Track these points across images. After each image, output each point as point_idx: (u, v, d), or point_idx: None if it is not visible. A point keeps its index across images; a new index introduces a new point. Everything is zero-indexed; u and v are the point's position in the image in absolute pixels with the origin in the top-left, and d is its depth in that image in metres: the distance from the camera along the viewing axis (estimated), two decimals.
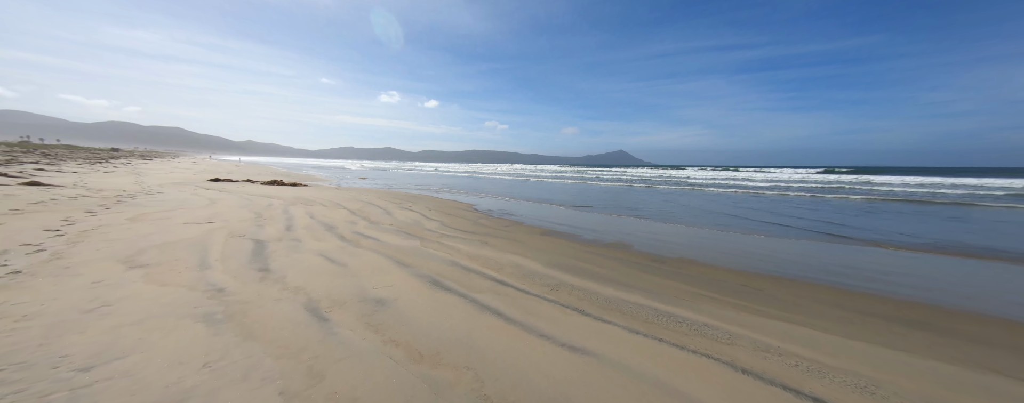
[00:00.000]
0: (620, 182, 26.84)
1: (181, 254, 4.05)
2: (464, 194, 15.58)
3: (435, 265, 4.24)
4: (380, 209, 9.00)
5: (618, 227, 7.74)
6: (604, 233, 6.96)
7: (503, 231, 6.87)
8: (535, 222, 8.13)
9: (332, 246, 4.92)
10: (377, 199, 11.22)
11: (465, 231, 6.70)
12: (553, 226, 7.68)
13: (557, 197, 14.85)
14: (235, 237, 5.08)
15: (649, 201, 13.90)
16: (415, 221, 7.53)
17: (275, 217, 6.96)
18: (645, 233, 7.09)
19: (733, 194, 17.39)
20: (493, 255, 4.86)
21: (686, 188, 21.00)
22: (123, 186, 10.97)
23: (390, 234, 6.02)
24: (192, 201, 8.49)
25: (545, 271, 4.21)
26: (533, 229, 7.23)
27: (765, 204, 13.25)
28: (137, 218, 5.87)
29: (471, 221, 7.94)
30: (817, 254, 5.73)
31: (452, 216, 8.54)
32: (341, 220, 7.11)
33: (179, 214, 6.56)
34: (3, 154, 23.53)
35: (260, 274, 3.58)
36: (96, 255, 3.78)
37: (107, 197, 8.14)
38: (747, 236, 7.11)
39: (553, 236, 6.54)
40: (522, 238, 6.24)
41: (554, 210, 10.51)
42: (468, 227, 7.16)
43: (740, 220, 9.21)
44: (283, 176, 21.38)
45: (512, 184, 23.27)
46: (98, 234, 4.66)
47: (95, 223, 5.30)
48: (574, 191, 18.35)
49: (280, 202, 9.11)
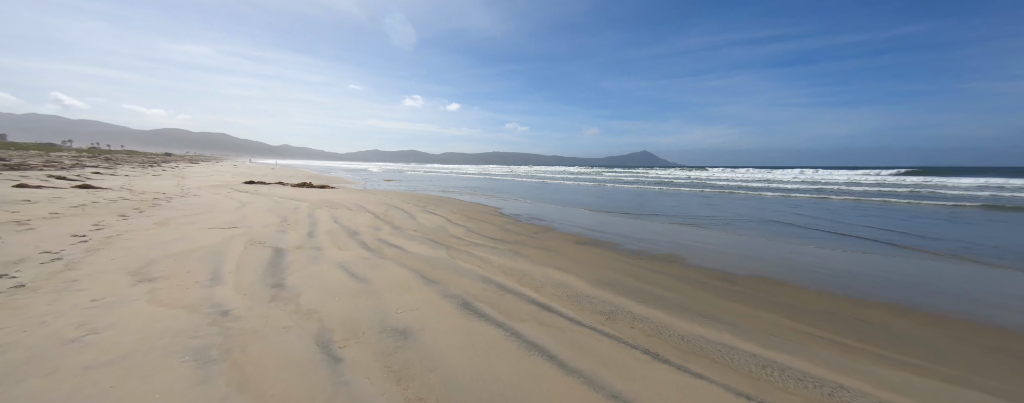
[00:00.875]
0: (649, 184, 25.47)
1: (195, 265, 3.73)
2: (487, 196, 15.09)
3: (465, 282, 3.68)
4: (404, 213, 8.63)
5: (661, 235, 6.89)
6: (648, 242, 6.15)
7: (534, 239, 6.23)
8: (567, 228, 7.44)
9: (354, 256, 4.48)
10: (401, 202, 10.92)
11: (493, 238, 6.13)
12: (587, 233, 6.95)
13: (585, 200, 14.04)
14: (255, 244, 4.77)
15: (687, 205, 12.79)
16: (440, 226, 7.06)
17: (299, 221, 6.71)
18: (696, 243, 6.22)
19: (780, 198, 15.81)
20: (529, 269, 4.24)
21: (724, 190, 19.44)
22: (164, 189, 11.32)
23: (415, 242, 5.55)
24: (223, 204, 8.48)
25: (595, 292, 3.53)
26: (567, 236, 6.54)
27: (822, 210, 11.82)
28: (164, 223, 5.75)
29: (498, 227, 7.37)
30: (930, 273, 4.67)
31: (478, 221, 8.01)
32: (365, 225, 6.75)
33: (206, 218, 6.43)
34: (72, 159, 25.65)
35: (273, 291, 3.15)
36: (109, 265, 3.52)
37: (145, 200, 8.26)
38: (823, 249, 6.07)
39: (591, 245, 5.83)
40: (557, 247, 5.58)
41: (584, 214, 9.75)
42: (496, 234, 6.59)
43: (801, 229, 8.07)
44: (313, 178, 21.86)
45: (535, 187, 22.63)
46: (121, 241, 4.47)
47: (123, 228, 5.18)
48: (601, 194, 17.42)
49: (306, 205, 8.96)
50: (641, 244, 5.98)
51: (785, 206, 12.53)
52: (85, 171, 16.46)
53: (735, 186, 23.02)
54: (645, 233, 7.03)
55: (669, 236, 6.77)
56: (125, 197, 8.47)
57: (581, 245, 5.83)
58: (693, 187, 22.18)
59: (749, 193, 17.64)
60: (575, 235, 6.71)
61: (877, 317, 3.16)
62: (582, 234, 6.83)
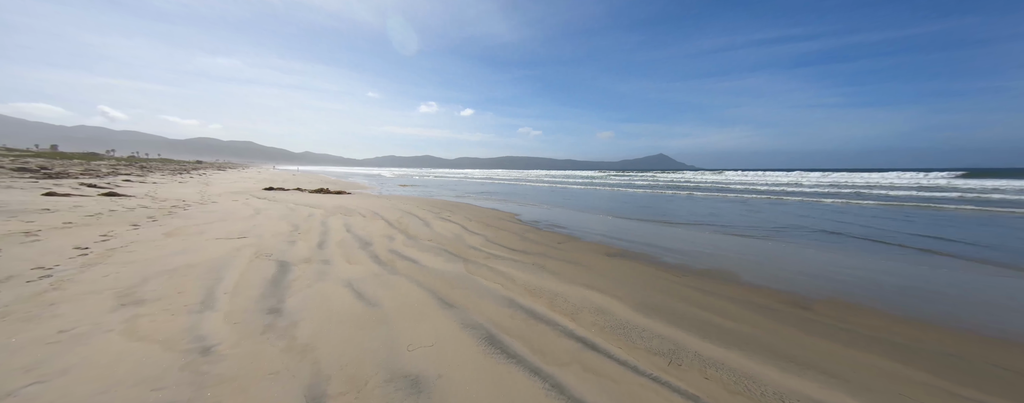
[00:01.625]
0: (669, 188, 24.39)
1: (191, 284, 3.34)
2: (502, 201, 14.59)
3: (488, 306, 3.13)
4: (419, 220, 8.20)
5: (700, 245, 6.16)
6: (687, 254, 5.45)
7: (558, 249, 5.64)
8: (592, 237, 6.80)
9: (364, 272, 4.02)
10: (415, 208, 10.53)
11: (514, 249, 5.58)
12: (616, 242, 6.30)
13: (604, 205, 13.31)
14: (261, 258, 4.39)
15: (719, 211, 11.88)
16: (456, 235, 6.57)
17: (311, 230, 6.36)
18: (743, 255, 5.47)
19: (816, 203, 14.60)
20: (559, 288, 3.66)
21: (753, 195, 18.23)
22: (186, 196, 11.35)
23: (430, 253, 5.06)
24: (238, 212, 8.29)
25: (644, 321, 2.92)
26: (594, 247, 5.91)
27: (872, 217, 10.70)
28: (173, 233, 5.48)
29: (517, 235, 6.81)
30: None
31: (495, 229, 7.48)
32: (378, 234, 6.33)
33: (218, 227, 6.16)
34: (109, 167, 26.79)
35: (268, 318, 2.70)
36: (99, 284, 3.17)
37: (163, 208, 8.16)
38: (894, 262, 5.21)
39: (623, 258, 5.18)
40: (585, 260, 4.97)
41: (607, 221, 9.07)
42: (516, 243, 6.04)
43: (858, 241, 7.14)
44: (330, 184, 21.96)
45: (550, 192, 22.00)
46: (122, 254, 4.17)
47: (130, 239, 4.92)
48: (620, 199, 16.61)
49: (320, 213, 8.67)
50: (680, 257, 5.28)
51: (827, 212, 11.44)
52: (117, 179, 16.98)
53: (764, 190, 21.51)
54: (680, 243, 6.31)
55: (709, 247, 6.03)
56: (144, 205, 8.40)
57: (612, 258, 5.20)
58: (717, 191, 20.98)
59: (782, 197, 16.31)
60: (602, 245, 6.07)
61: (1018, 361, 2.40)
62: (610, 244, 6.19)
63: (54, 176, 15.91)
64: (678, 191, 20.95)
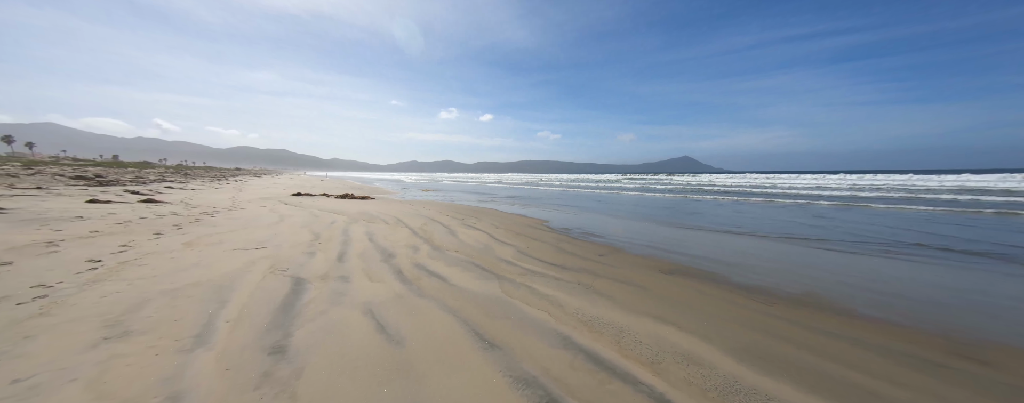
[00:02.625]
0: (704, 193, 22.83)
1: (192, 308, 2.86)
2: (525, 206, 13.90)
3: (539, 347, 2.44)
4: (443, 227, 7.65)
5: (774, 260, 5.19)
6: (761, 272, 4.53)
7: (603, 264, 4.87)
8: (638, 248, 5.96)
9: (386, 293, 3.44)
10: (439, 214, 10.03)
11: (552, 263, 4.87)
12: (665, 255, 5.44)
13: (637, 210, 12.32)
14: (275, 273, 3.92)
15: (776, 217, 10.63)
16: (484, 246, 5.93)
17: (332, 239, 5.92)
18: (837, 274, 4.47)
19: (888, 210, 12.93)
20: (622, 320, 2.91)
21: (803, 200, 16.54)
22: (218, 202, 11.42)
23: (458, 268, 4.44)
24: (263, 218, 8.07)
25: (752, 378, 2.12)
26: (643, 261, 5.09)
27: (972, 229, 9.19)
28: (193, 243, 5.17)
29: (551, 246, 6.09)
30: None
31: (526, 238, 6.80)
32: (402, 244, 5.81)
33: (239, 236, 5.84)
34: (157, 175, 28.36)
35: (268, 362, 2.13)
36: (91, 309, 2.74)
37: (192, 215, 8.05)
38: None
39: (684, 276, 4.34)
40: (640, 278, 4.18)
41: (648, 229, 8.16)
42: (553, 256, 5.32)
43: (978, 258, 5.89)
44: (355, 189, 22.10)
45: (574, 195, 21.11)
46: (132, 268, 3.81)
47: (147, 249, 4.62)
48: (654, 203, 15.49)
49: (343, 219, 8.31)
50: (755, 276, 4.37)
51: (917, 221, 9.94)
52: (160, 186, 17.70)
53: (813, 194, 19.07)
54: (743, 257, 5.36)
55: (786, 263, 5.06)
56: (175, 212, 8.34)
57: (670, 275, 4.37)
58: (757, 196, 19.29)
59: (853, 203, 13.93)
60: (652, 258, 5.24)
61: None
62: (659, 257, 5.34)
63: (105, 183, 16.75)
64: (717, 196, 19.45)
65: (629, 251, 5.76)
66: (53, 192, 11.27)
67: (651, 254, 5.53)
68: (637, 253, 5.61)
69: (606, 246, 6.15)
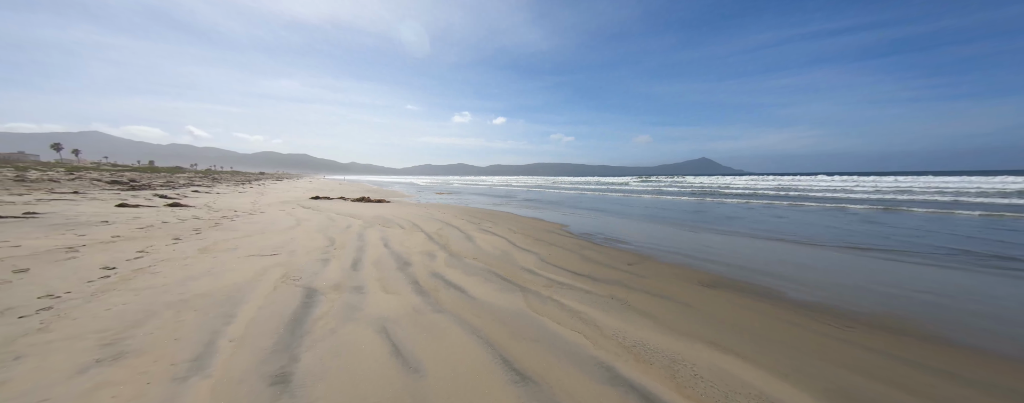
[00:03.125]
0: (729, 195, 21.79)
1: (195, 324, 2.63)
2: (541, 209, 13.50)
3: (576, 379, 2.06)
4: (459, 232, 7.36)
5: (829, 271, 4.62)
6: (821, 287, 3.98)
7: (634, 274, 4.43)
8: (669, 256, 5.48)
9: (402, 307, 3.14)
10: (454, 218, 9.77)
11: (578, 273, 4.47)
12: (702, 264, 4.94)
13: (663, 214, 11.70)
14: (288, 282, 3.69)
15: (821, 224, 9.83)
16: (504, 252, 5.59)
17: (347, 245, 5.71)
18: (905, 288, 3.88)
19: (945, 216, 11.85)
20: (671, 346, 2.49)
21: (845, 204, 15.42)
22: (239, 206, 11.56)
23: (478, 278, 4.11)
24: (280, 222, 8.00)
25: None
26: (679, 271, 4.61)
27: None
28: (209, 248, 5.05)
29: (575, 253, 5.68)
30: None
31: (547, 244, 6.41)
32: (417, 250, 5.54)
33: (255, 241, 5.71)
34: (186, 179, 29.49)
35: (269, 395, 1.84)
36: (91, 324, 2.54)
37: (213, 219, 8.07)
38: None
39: (731, 291, 3.85)
40: (679, 293, 3.72)
41: (677, 234, 7.62)
42: (577, 264, 4.92)
43: None
44: (371, 193, 22.24)
45: (590, 198, 20.55)
46: (143, 277, 3.66)
47: (162, 256, 4.50)
48: (679, 208, 14.77)
49: (359, 224, 8.15)
50: (815, 291, 3.82)
51: (983, 228, 9.01)
52: (187, 190, 18.27)
53: (852, 198, 17.12)
54: (797, 269, 4.79)
55: (846, 275, 4.47)
56: (197, 216, 8.39)
57: (713, 290, 3.89)
58: (788, 199, 18.17)
59: (893, 207, 12.57)
60: (687, 268, 4.75)
61: None
62: (696, 266, 4.84)
63: (137, 188, 17.40)
64: (745, 199, 18.47)
65: (660, 259, 5.28)
66: (88, 196, 11.67)
67: (685, 263, 5.04)
68: (670, 262, 5.13)
69: (634, 254, 5.69)
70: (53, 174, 21.02)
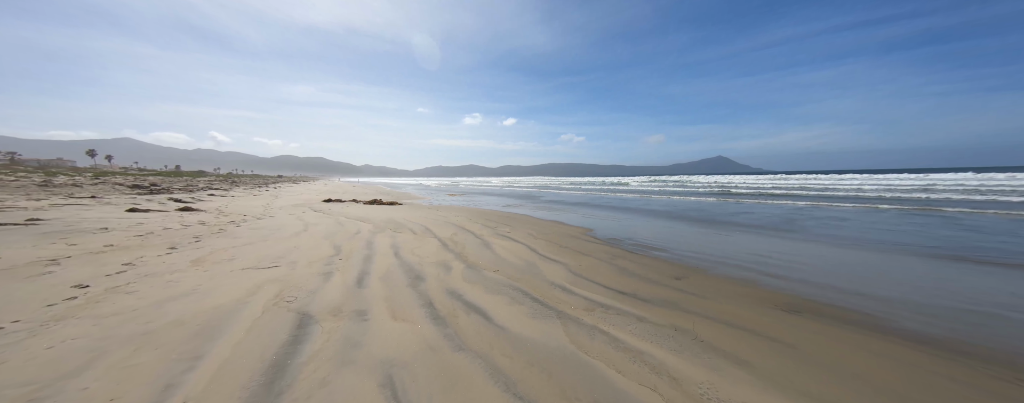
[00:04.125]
0: (763, 195, 20.45)
1: (151, 370, 2.02)
2: (558, 211, 12.73)
3: None
4: (475, 238, 6.69)
5: (944, 291, 3.73)
6: (949, 315, 3.11)
7: (688, 293, 3.66)
8: (721, 268, 4.66)
9: (413, 343, 2.47)
10: (468, 222, 9.12)
11: (619, 290, 3.72)
12: (767, 280, 4.11)
13: (692, 215, 10.76)
14: (280, 305, 3.07)
15: (898, 228, 8.81)
16: (527, 263, 4.88)
17: (354, 254, 5.11)
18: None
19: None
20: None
21: (913, 205, 13.85)
22: (250, 210, 11.21)
23: (503, 297, 3.42)
24: (287, 227, 7.50)
25: None
26: (741, 289, 3.81)
27: None
28: (202, 260, 4.51)
29: (607, 263, 4.93)
30: None
31: (573, 252, 5.68)
32: (431, 259, 4.89)
33: (256, 250, 5.17)
34: (205, 183, 29.83)
35: None
36: (22, 371, 1.96)
37: (219, 224, 7.64)
38: None
39: (824, 321, 3.03)
40: (759, 324, 2.93)
41: (718, 239, 6.76)
42: (615, 278, 4.17)
43: None
44: (384, 195, 21.89)
45: (608, 199, 19.64)
46: (115, 298, 3.11)
47: (148, 270, 3.97)
48: (711, 209, 13.71)
49: (368, 229, 7.58)
50: (938, 322, 2.96)
51: None
52: (203, 194, 18.22)
53: (907, 197, 14.71)
54: (892, 287, 3.90)
55: (963, 293, 3.58)
56: (204, 221, 7.98)
57: (797, 316, 3.08)
58: (831, 199, 16.71)
59: (982, 211, 10.45)
60: (749, 285, 3.94)
61: None
62: (762, 283, 4.02)
63: (156, 192, 17.43)
64: (777, 199, 17.20)
65: (712, 272, 4.48)
66: (103, 201, 11.52)
67: (745, 278, 4.22)
68: (724, 275, 4.32)
69: (676, 264, 4.90)
70: (79, 179, 21.39)
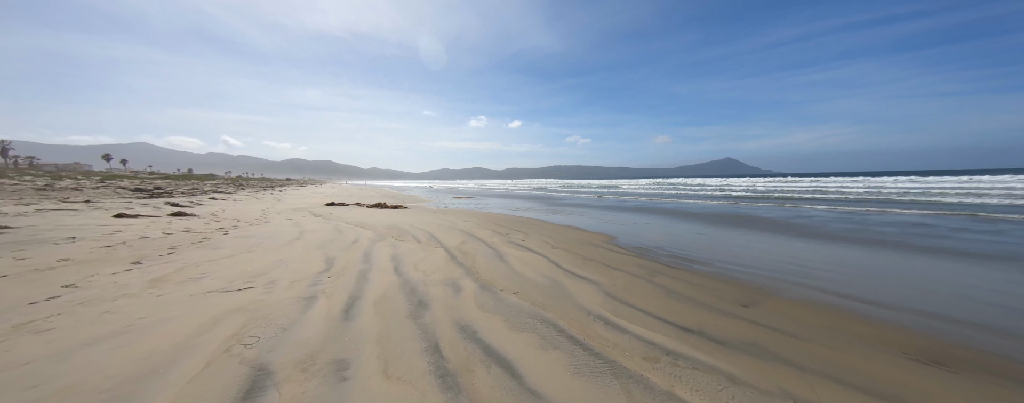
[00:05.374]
0: (796, 199, 19.27)
1: None
2: (570, 214, 11.85)
3: None
4: (486, 247, 5.85)
5: None
6: None
7: (773, 329, 2.76)
8: (795, 289, 3.75)
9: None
10: (477, 228, 8.28)
11: (681, 326, 2.84)
12: (876, 311, 3.19)
13: (721, 219, 9.80)
14: (234, 351, 2.25)
15: (998, 237, 7.78)
16: (552, 281, 4.02)
17: (347, 269, 4.29)
18: None
19: None
20: None
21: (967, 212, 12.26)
22: (247, 215, 10.49)
23: (532, 337, 2.56)
24: (280, 235, 6.73)
25: None
26: (848, 323, 2.90)
27: None
28: (163, 280, 3.71)
29: (647, 281, 4.05)
30: None
31: (600, 265, 4.81)
32: (438, 276, 4.05)
33: (233, 264, 4.37)
34: (212, 186, 29.39)
35: None
36: None
37: (207, 231, 6.88)
38: None
39: (1009, 383, 2.14)
40: (905, 386, 2.05)
41: (770, 247, 5.83)
42: (665, 306, 3.29)
43: None
44: (389, 198, 21.19)
45: (619, 202, 18.71)
46: (19, 340, 2.30)
47: (88, 295, 3.18)
48: (744, 214, 12.77)
49: (368, 236, 6.78)
50: None
51: None
52: (205, 197, 17.64)
53: (961, 203, 12.65)
54: (1008, 315, 2.99)
55: None
56: (190, 228, 7.24)
57: (956, 374, 2.18)
58: (912, 207, 11.88)
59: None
60: (849, 315, 3.02)
61: None
62: (864, 313, 3.10)
63: (157, 195, 16.86)
64: (834, 205, 15.23)
65: (784, 294, 3.57)
66: (95, 205, 10.90)
67: (834, 304, 3.30)
68: (802, 299, 3.41)
69: (732, 282, 4.00)
70: (83, 182, 20.98)
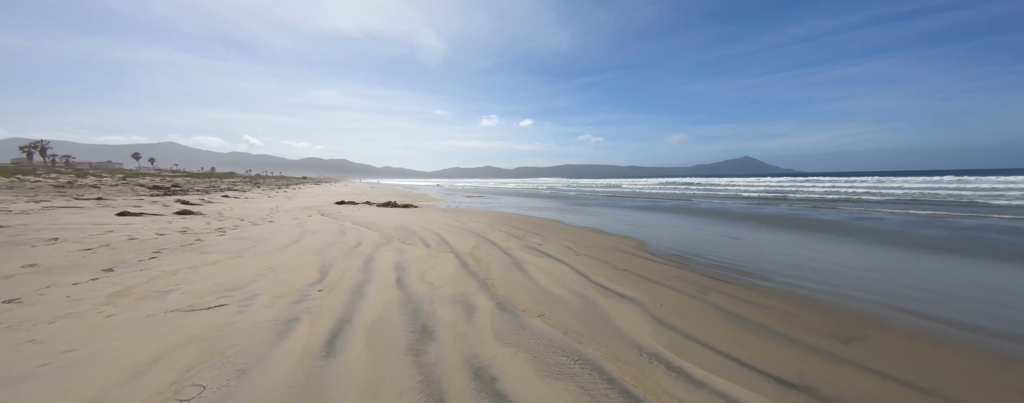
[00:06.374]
0: (869, 201, 17.61)
1: None
2: (588, 215, 11.05)
3: None
4: (502, 253, 5.15)
5: None
6: None
7: (903, 383, 1.97)
8: (900, 317, 2.91)
9: None
10: (490, 230, 7.60)
11: (771, 375, 2.07)
12: (1008, 347, 2.36)
13: (755, 221, 8.83)
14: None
15: None
16: (582, 298, 3.29)
17: (342, 281, 3.66)
18: None
19: None
20: None
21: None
22: (253, 213, 10.11)
23: (572, 389, 1.83)
24: (280, 237, 6.20)
25: None
26: (995, 370, 2.08)
27: None
28: (126, 293, 3.15)
29: (699, 301, 3.27)
30: None
31: (636, 277, 4.04)
32: (447, 291, 3.37)
33: (216, 273, 3.80)
34: (228, 184, 29.69)
35: None
36: None
37: (203, 232, 6.42)
38: None
39: None
40: None
41: (840, 257, 4.94)
42: (734, 336, 2.51)
43: None
44: (399, 196, 20.78)
45: (632, 202, 17.75)
46: None
47: (32, 312, 2.62)
48: (779, 216, 11.71)
49: (373, 239, 6.18)
50: None
51: None
52: (218, 195, 17.55)
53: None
54: None
55: None
56: (186, 229, 6.79)
57: None
58: (940, 208, 11.13)
59: None
60: (980, 354, 2.20)
61: None
62: (1002, 353, 2.27)
63: (170, 193, 16.85)
64: (908, 209, 11.06)
65: (892, 325, 2.74)
66: (105, 203, 10.71)
67: (968, 342, 2.46)
68: (918, 331, 2.58)
69: (808, 303, 3.17)
70: (104, 180, 21.28)
